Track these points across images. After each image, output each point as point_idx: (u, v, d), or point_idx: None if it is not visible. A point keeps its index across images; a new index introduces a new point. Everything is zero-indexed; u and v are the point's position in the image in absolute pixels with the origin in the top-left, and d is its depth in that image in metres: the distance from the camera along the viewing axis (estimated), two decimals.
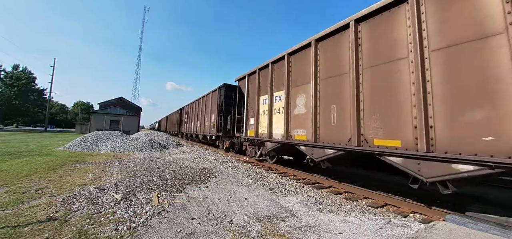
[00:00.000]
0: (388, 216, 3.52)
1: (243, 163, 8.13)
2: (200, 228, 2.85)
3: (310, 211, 3.62)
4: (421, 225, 3.11)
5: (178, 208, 3.52)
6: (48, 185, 4.53)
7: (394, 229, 2.98)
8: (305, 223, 3.11)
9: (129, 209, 3.35)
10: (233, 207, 3.67)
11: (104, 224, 2.85)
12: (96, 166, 6.88)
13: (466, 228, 2.87)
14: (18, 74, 46.55)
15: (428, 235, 2.69)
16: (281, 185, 5.18)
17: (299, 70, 5.93)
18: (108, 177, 5.42)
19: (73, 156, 8.65)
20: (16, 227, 2.66)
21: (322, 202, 4.06)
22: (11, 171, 5.63)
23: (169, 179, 5.36)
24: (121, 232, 2.65)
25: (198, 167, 7.15)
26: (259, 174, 6.30)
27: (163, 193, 4.23)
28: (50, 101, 40.88)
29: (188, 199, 3.99)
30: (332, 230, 2.91)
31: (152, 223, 2.95)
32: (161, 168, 6.77)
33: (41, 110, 52.20)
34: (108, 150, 10.86)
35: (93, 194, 4.02)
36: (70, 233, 2.58)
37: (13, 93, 44.17)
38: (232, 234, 2.72)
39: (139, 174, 5.78)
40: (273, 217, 3.31)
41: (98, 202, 3.59)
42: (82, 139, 12.01)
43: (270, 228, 2.92)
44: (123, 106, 43.02)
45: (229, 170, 6.77)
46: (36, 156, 8.42)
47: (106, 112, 34.26)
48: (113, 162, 7.59)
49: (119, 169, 6.40)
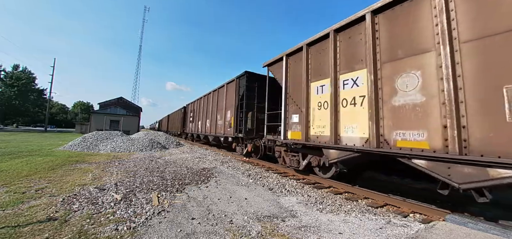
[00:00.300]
0: (388, 216, 3.52)
1: (243, 163, 8.13)
2: (200, 228, 2.85)
3: (310, 211, 3.62)
4: (421, 225, 3.11)
5: (178, 208, 3.52)
6: (48, 185, 4.53)
7: (394, 229, 2.98)
8: (305, 223, 3.11)
9: (129, 209, 3.35)
10: (233, 207, 3.67)
11: (104, 224, 2.85)
12: (96, 166, 6.88)
13: (466, 228, 2.87)
14: (18, 74, 46.54)
15: (428, 235, 2.69)
16: (281, 185, 5.18)
17: (397, 35, 3.84)
18: (108, 177, 5.42)
19: (73, 156, 8.65)
20: (16, 227, 2.66)
21: (322, 202, 4.06)
22: (11, 171, 5.63)
23: (169, 179, 5.35)
24: (121, 232, 2.65)
25: (198, 167, 7.14)
26: (259, 174, 6.30)
27: (163, 193, 4.23)
28: (50, 101, 40.88)
29: (188, 199, 3.99)
30: (332, 230, 2.91)
31: (152, 223, 2.95)
32: (161, 168, 6.77)
33: (41, 110, 52.19)
34: (108, 150, 10.86)
35: (93, 194, 4.02)
36: (70, 233, 2.58)
37: (13, 93, 44.17)
38: (232, 234, 2.72)
39: (139, 174, 5.78)
40: (273, 217, 3.31)
41: (98, 202, 3.59)
42: (82, 139, 12.00)
43: (270, 228, 2.92)
44: (123, 106, 43.01)
45: (229, 170, 6.77)
46: (36, 156, 8.42)
47: (106, 112, 34.26)
48: (113, 162, 7.58)
49: (119, 169, 6.39)
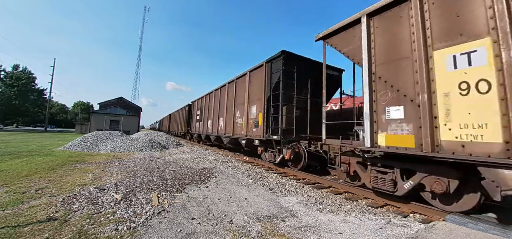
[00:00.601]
0: (388, 216, 3.52)
1: (243, 163, 8.12)
2: (200, 228, 2.85)
3: (310, 211, 3.62)
4: (421, 225, 3.11)
5: (178, 208, 3.52)
6: (48, 185, 4.53)
7: (394, 229, 2.98)
8: (305, 223, 3.11)
9: (129, 209, 3.35)
10: (233, 207, 3.67)
11: (104, 224, 2.85)
12: (96, 166, 6.88)
13: (466, 228, 2.86)
14: (18, 74, 46.55)
15: (428, 235, 2.69)
16: (281, 185, 5.18)
17: None
18: (108, 177, 5.42)
19: (73, 156, 8.65)
20: (16, 227, 2.66)
21: (322, 202, 4.06)
22: (11, 171, 5.63)
23: (169, 179, 5.35)
24: (121, 232, 2.65)
25: (198, 167, 7.14)
26: (259, 174, 6.30)
27: (163, 193, 4.23)
28: (50, 101, 40.88)
29: (188, 199, 3.99)
30: (332, 230, 2.91)
31: (152, 223, 2.95)
32: (161, 168, 6.77)
33: (41, 110, 52.19)
34: (108, 150, 10.86)
35: (93, 194, 4.02)
36: (70, 233, 2.58)
37: (13, 93, 44.18)
38: (232, 234, 2.72)
39: (139, 174, 5.78)
40: (273, 217, 3.31)
41: (98, 202, 3.59)
42: (82, 139, 12.00)
43: (270, 228, 2.92)
44: (123, 106, 42.98)
45: (229, 170, 6.77)
46: (36, 156, 8.41)
47: (106, 112, 34.27)
48: (113, 162, 7.58)
49: (119, 169, 6.39)
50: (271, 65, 7.26)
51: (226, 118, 10.50)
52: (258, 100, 7.66)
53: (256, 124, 7.62)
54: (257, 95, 7.84)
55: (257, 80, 7.96)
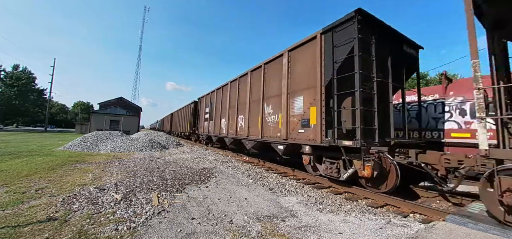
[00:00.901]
0: (388, 216, 3.52)
1: (243, 163, 8.13)
2: (200, 228, 2.85)
3: (310, 211, 3.62)
4: (421, 225, 3.11)
5: (178, 208, 3.52)
6: (48, 185, 4.53)
7: (394, 229, 2.98)
8: (305, 223, 3.11)
9: (129, 209, 3.35)
10: (233, 207, 3.67)
11: (104, 224, 2.85)
12: (96, 166, 6.88)
13: (466, 228, 2.86)
14: (18, 74, 46.55)
15: (428, 235, 2.69)
16: (281, 185, 5.18)
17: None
18: (108, 177, 5.42)
19: (73, 156, 8.65)
20: (16, 227, 2.66)
21: (322, 202, 4.06)
22: (11, 171, 5.63)
23: (169, 179, 5.35)
24: (121, 232, 2.65)
25: (198, 167, 7.14)
26: (259, 174, 6.30)
27: (163, 193, 4.23)
28: (50, 101, 40.87)
29: (188, 199, 3.99)
30: (332, 230, 2.91)
31: (152, 223, 2.95)
32: (161, 168, 6.77)
33: (41, 110, 52.18)
34: (108, 150, 10.86)
35: (93, 194, 4.02)
36: (70, 233, 2.58)
37: (13, 93, 44.18)
38: (232, 234, 2.72)
39: (139, 174, 5.78)
40: (273, 217, 3.31)
41: (98, 202, 3.59)
42: (82, 139, 12.01)
43: (270, 228, 2.92)
44: (123, 106, 42.95)
45: (229, 170, 6.77)
46: (36, 156, 8.41)
47: (106, 112, 34.28)
48: (113, 162, 7.59)
49: (119, 169, 6.39)
50: (332, 36, 4.92)
51: (249, 116, 8.21)
52: (308, 89, 5.49)
53: (305, 123, 5.46)
54: (304, 81, 5.64)
55: (305, 61, 5.75)
